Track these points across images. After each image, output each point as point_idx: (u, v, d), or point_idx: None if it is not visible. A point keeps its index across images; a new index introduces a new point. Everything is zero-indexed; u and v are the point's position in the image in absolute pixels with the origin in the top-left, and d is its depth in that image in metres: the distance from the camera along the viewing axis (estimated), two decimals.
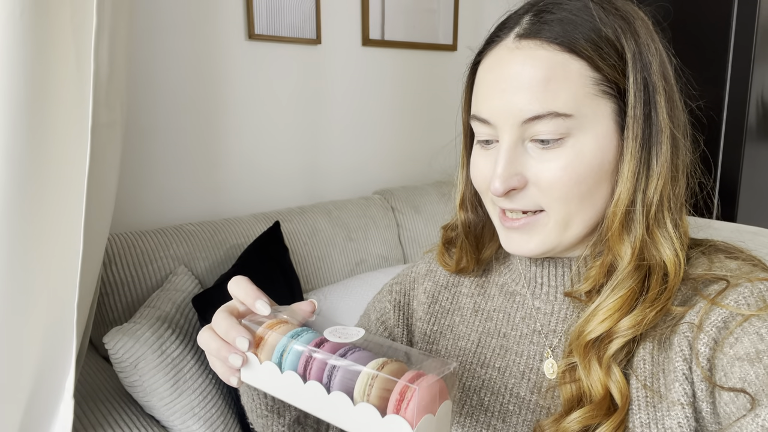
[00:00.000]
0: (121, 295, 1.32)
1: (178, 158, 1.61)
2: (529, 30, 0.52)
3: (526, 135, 0.52)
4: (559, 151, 0.51)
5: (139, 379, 1.09)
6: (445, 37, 2.19)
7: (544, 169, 0.51)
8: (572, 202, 0.52)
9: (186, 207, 1.65)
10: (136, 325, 1.12)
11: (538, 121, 0.50)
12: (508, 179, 0.52)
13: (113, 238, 1.36)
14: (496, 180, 0.52)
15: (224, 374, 0.50)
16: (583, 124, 0.50)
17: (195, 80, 1.61)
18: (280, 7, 1.72)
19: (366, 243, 1.78)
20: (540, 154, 0.51)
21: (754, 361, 0.45)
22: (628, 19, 0.52)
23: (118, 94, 1.01)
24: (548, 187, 0.51)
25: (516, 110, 0.51)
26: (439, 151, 2.21)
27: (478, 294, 0.66)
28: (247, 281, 0.52)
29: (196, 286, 1.34)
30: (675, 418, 0.48)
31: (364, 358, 0.43)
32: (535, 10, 0.53)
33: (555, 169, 0.51)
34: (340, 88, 1.93)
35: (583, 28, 0.51)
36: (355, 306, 1.50)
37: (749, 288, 0.49)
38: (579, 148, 0.50)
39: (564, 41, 0.50)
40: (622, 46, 0.51)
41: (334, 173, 1.97)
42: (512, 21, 0.54)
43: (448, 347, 0.65)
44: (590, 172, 0.51)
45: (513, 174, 0.52)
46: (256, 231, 1.55)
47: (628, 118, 0.51)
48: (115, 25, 0.96)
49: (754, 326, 0.46)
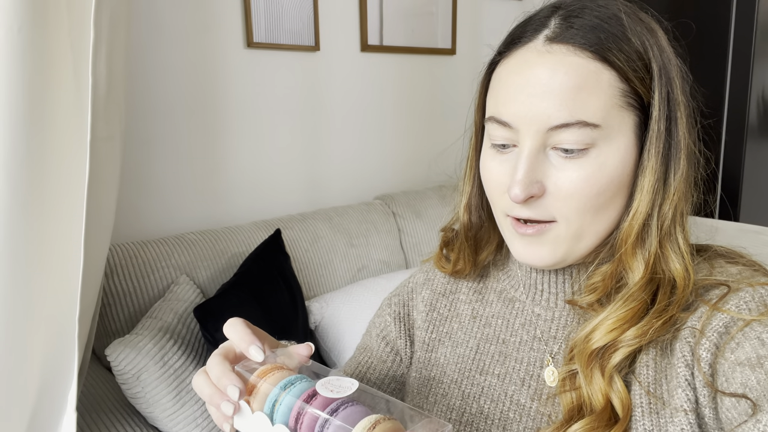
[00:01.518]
0: (123, 305, 1.33)
1: (178, 168, 1.62)
2: (559, 34, 0.50)
3: (549, 142, 0.50)
4: (582, 162, 0.50)
5: (141, 390, 1.09)
6: (443, 42, 2.19)
7: (565, 178, 0.50)
8: (588, 214, 0.51)
9: (187, 216, 1.65)
10: (138, 336, 1.12)
11: (564, 129, 0.49)
12: (529, 186, 0.50)
13: (114, 249, 1.36)
14: (517, 186, 0.50)
15: (218, 420, 0.49)
16: (608, 135, 0.50)
17: (194, 89, 1.61)
18: (279, 15, 1.72)
19: (367, 249, 1.78)
20: (562, 163, 0.50)
21: (756, 367, 0.44)
22: (652, 30, 0.51)
23: (116, 108, 1.01)
24: (567, 197, 0.50)
25: (543, 116, 0.49)
26: (440, 154, 2.22)
27: (476, 300, 0.66)
28: (242, 324, 0.50)
29: (198, 296, 1.35)
30: (678, 424, 0.47)
31: (357, 414, 0.42)
32: (563, 14, 0.51)
33: (576, 179, 0.50)
34: (340, 94, 1.93)
35: (614, 37, 0.50)
36: (357, 312, 1.50)
37: (750, 293, 0.48)
38: (602, 159, 0.50)
39: (597, 49, 0.49)
40: (649, 59, 0.50)
41: (334, 179, 1.97)
42: (536, 22, 0.52)
43: (446, 354, 0.64)
44: (609, 185, 0.50)
45: (533, 181, 0.50)
46: (258, 239, 1.55)
47: (651, 132, 0.50)
48: (113, 39, 0.96)
49: (756, 331, 0.46)
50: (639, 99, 0.50)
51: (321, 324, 1.49)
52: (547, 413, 0.55)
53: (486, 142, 0.57)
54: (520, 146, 0.52)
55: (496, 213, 0.58)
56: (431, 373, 0.64)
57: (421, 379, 0.65)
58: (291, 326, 1.36)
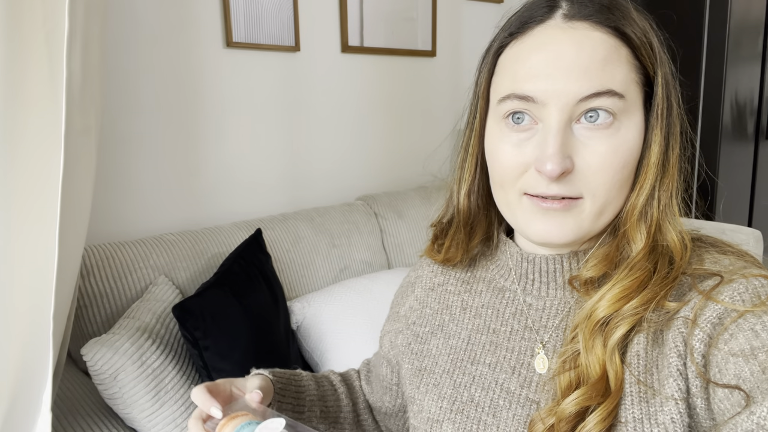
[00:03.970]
0: (100, 307, 1.30)
1: (156, 167, 1.59)
2: (577, 11, 0.52)
3: (576, 115, 0.51)
4: (609, 134, 0.51)
5: (119, 391, 1.06)
6: (423, 44, 2.20)
7: (593, 152, 0.51)
8: (613, 189, 0.52)
9: (165, 217, 1.63)
10: (115, 336, 1.10)
11: (595, 98, 0.50)
12: (563, 160, 0.50)
13: (91, 250, 1.33)
14: (550, 161, 0.50)
15: None
16: (628, 109, 0.51)
17: (173, 88, 1.60)
18: (258, 15, 1.71)
19: (350, 249, 1.77)
20: (589, 137, 0.51)
21: (749, 358, 0.44)
22: (647, 16, 0.55)
23: (92, 101, 0.99)
24: (596, 171, 0.51)
25: (572, 89, 0.50)
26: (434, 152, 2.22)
27: (464, 291, 0.67)
28: (202, 390, 0.58)
29: (177, 296, 1.32)
30: (668, 413, 0.47)
31: None
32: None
33: (604, 152, 0.51)
34: (320, 94, 1.93)
35: (626, 16, 0.52)
36: (339, 312, 1.49)
37: (744, 284, 0.49)
38: (624, 132, 0.52)
39: (616, 26, 0.51)
40: (652, 40, 0.53)
41: (315, 180, 1.97)
42: (545, 3, 0.54)
43: (439, 346, 0.65)
44: (630, 158, 0.52)
45: (566, 156, 0.50)
46: (238, 239, 1.53)
47: (657, 109, 0.53)
48: (89, 31, 0.95)
49: (749, 322, 0.46)
50: (645, 77, 0.53)
51: (303, 324, 1.48)
52: (536, 400, 0.56)
53: (494, 124, 0.56)
54: (546, 122, 0.51)
55: (506, 196, 0.57)
56: (423, 363, 0.65)
57: (414, 370, 0.66)
58: (272, 326, 1.34)
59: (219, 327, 1.19)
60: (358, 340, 1.44)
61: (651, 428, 0.48)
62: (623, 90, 0.50)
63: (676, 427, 0.47)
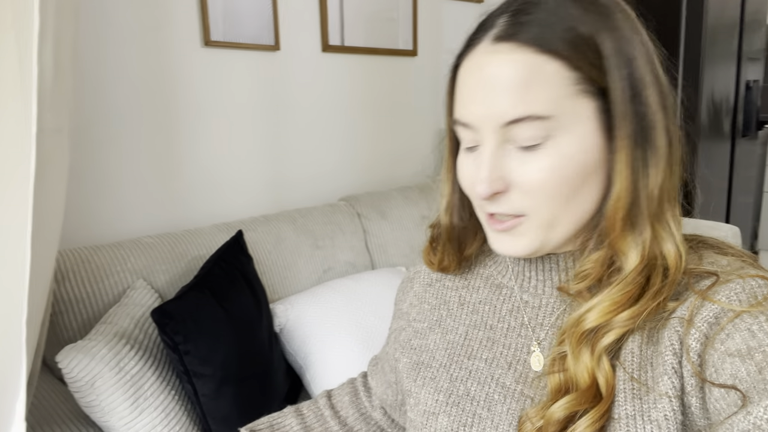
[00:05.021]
0: (76, 312, 1.26)
1: (133, 169, 1.56)
2: (504, 32, 0.51)
3: (507, 138, 0.51)
4: (541, 154, 0.50)
5: (96, 398, 1.03)
6: (404, 43, 2.19)
7: (526, 171, 0.51)
8: (556, 204, 0.51)
9: (143, 219, 1.59)
10: (92, 341, 1.07)
11: (518, 124, 0.50)
12: (493, 183, 0.52)
13: (65, 255, 1.29)
14: (480, 184, 0.52)
15: None
16: (563, 125, 0.50)
17: (149, 88, 1.56)
18: (237, 14, 1.69)
19: (333, 250, 1.75)
20: (521, 157, 0.51)
21: (746, 358, 0.44)
22: (606, 14, 0.51)
23: (64, 100, 0.96)
24: (531, 189, 0.51)
25: (496, 113, 0.50)
26: (413, 154, 2.22)
27: (462, 287, 0.68)
28: None
29: (156, 300, 1.29)
30: (661, 410, 0.47)
31: None
32: (511, 11, 0.52)
33: (536, 171, 0.50)
34: (301, 94, 1.91)
35: (558, 27, 0.50)
36: (323, 314, 1.47)
37: (741, 284, 0.48)
38: (560, 149, 0.50)
39: (540, 42, 0.49)
40: (600, 43, 0.50)
41: (297, 181, 1.94)
42: (489, 23, 0.53)
43: (436, 341, 0.66)
44: (573, 173, 0.50)
45: (497, 177, 0.52)
46: (219, 241, 1.51)
47: (615, 114, 0.50)
48: (60, 28, 0.92)
49: (746, 322, 0.46)
50: (597, 85, 0.50)
51: (286, 326, 1.45)
52: (531, 396, 0.56)
53: (461, 144, 0.58)
54: (482, 145, 0.53)
55: (476, 209, 0.59)
56: (421, 358, 0.66)
57: (411, 364, 0.67)
58: (255, 329, 1.32)
59: (200, 331, 1.16)
60: (342, 341, 1.43)
61: (644, 425, 0.48)
62: (549, 111, 0.49)
63: (669, 425, 0.47)
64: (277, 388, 1.35)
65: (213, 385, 1.16)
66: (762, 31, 3.03)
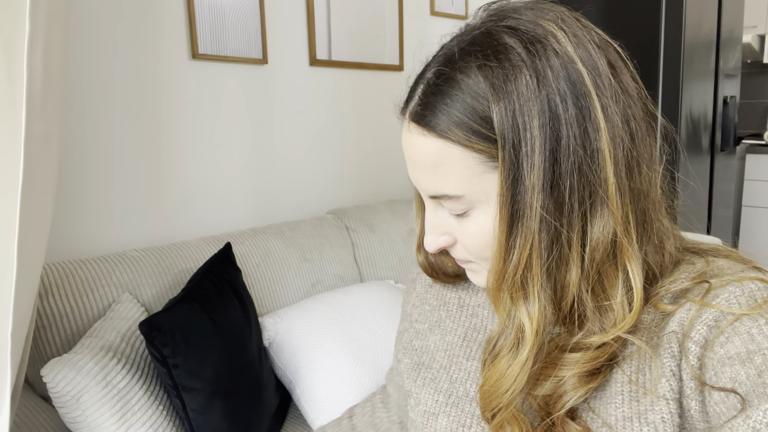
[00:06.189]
0: (60, 327, 1.23)
1: (119, 181, 1.54)
2: (416, 113, 0.51)
3: (440, 203, 0.54)
4: (470, 221, 0.52)
5: (82, 414, 1.00)
6: (391, 58, 2.21)
7: (462, 233, 0.54)
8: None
9: (129, 233, 1.57)
10: (78, 355, 1.04)
11: (440, 198, 0.52)
12: (436, 240, 0.55)
13: (49, 268, 1.27)
14: (426, 242, 0.56)
15: None
16: (478, 199, 0.50)
17: (137, 100, 1.55)
18: (225, 27, 1.69)
19: (321, 263, 1.74)
20: (457, 219, 0.54)
21: (745, 362, 0.44)
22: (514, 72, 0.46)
23: (54, 107, 0.95)
24: (471, 248, 0.54)
25: (422, 187, 0.53)
26: (401, 167, 2.22)
27: (462, 288, 0.69)
28: None
29: (142, 314, 1.27)
30: (659, 412, 0.47)
31: None
32: (425, 82, 0.51)
33: (468, 235, 0.53)
34: (289, 107, 1.91)
35: (457, 111, 0.48)
36: (312, 327, 1.45)
37: (740, 287, 0.48)
38: (482, 219, 0.51)
39: (441, 129, 0.49)
40: (493, 119, 0.46)
41: (285, 194, 1.93)
42: (414, 89, 0.52)
43: (436, 342, 0.67)
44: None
45: (441, 234, 0.55)
46: (206, 255, 1.49)
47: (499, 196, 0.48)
48: (50, 36, 0.91)
49: (745, 326, 0.46)
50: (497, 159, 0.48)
51: (275, 340, 1.43)
52: None
53: None
54: (426, 205, 0.56)
55: None
56: (422, 359, 0.67)
57: (412, 365, 0.68)
58: (244, 342, 1.30)
59: (189, 344, 1.14)
60: (333, 355, 1.41)
61: (641, 427, 0.47)
62: (460, 191, 0.50)
63: (666, 427, 0.47)
64: (267, 402, 1.33)
65: (202, 400, 1.13)
66: (737, 49, 3.11)
